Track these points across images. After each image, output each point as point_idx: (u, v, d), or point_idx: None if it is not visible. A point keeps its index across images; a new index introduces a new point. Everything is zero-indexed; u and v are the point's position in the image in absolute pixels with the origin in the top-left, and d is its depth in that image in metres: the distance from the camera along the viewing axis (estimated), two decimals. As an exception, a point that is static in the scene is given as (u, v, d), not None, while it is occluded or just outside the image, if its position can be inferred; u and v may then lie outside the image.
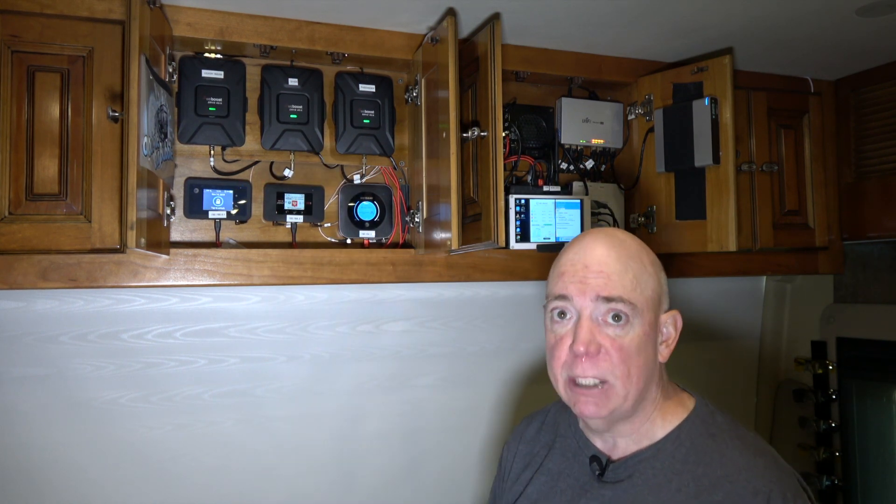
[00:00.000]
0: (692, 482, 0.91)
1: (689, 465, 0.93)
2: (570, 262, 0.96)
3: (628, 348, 0.92)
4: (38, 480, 1.55)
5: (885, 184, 1.87)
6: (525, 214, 1.62)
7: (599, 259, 0.94)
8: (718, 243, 1.59)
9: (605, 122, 1.79)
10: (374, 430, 1.83)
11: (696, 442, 0.95)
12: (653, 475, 0.94)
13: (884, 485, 1.97)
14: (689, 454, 0.94)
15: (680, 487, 0.92)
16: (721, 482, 0.90)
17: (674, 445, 0.96)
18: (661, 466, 0.95)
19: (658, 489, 0.93)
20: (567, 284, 0.95)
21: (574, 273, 0.95)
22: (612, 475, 0.98)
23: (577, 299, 0.94)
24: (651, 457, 0.96)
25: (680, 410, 0.99)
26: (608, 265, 0.94)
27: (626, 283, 0.93)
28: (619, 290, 0.92)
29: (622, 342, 0.92)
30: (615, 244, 0.96)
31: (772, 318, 2.26)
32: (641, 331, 0.93)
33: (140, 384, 1.61)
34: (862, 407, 2.02)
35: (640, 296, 0.94)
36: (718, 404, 1.03)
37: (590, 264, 0.94)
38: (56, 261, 1.28)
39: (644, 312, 0.94)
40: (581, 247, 0.97)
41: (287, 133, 1.51)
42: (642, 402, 0.97)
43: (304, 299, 1.72)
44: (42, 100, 1.29)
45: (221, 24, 1.42)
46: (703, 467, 0.92)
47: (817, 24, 1.53)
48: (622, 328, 0.92)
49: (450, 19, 1.34)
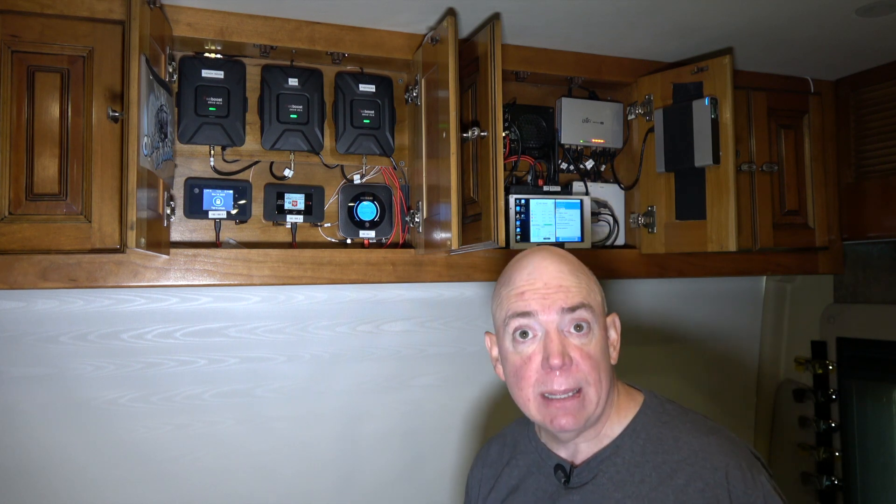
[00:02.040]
0: (653, 471, 0.95)
1: (648, 456, 0.97)
2: (527, 280, 0.98)
3: (595, 355, 0.96)
4: (38, 480, 1.55)
5: (885, 184, 1.87)
6: (525, 214, 1.62)
7: (554, 274, 0.98)
8: (718, 243, 1.60)
9: (605, 122, 1.79)
10: (374, 430, 1.83)
11: (651, 432, 0.99)
12: (616, 472, 0.97)
13: (884, 485, 1.97)
14: (646, 445, 0.98)
15: (643, 478, 0.95)
16: (681, 466, 0.94)
17: (631, 439, 0.99)
18: (622, 462, 0.98)
19: (622, 484, 0.96)
20: (529, 302, 0.97)
21: (534, 290, 0.97)
22: (577, 479, 1.00)
23: (542, 315, 0.96)
24: (611, 454, 0.99)
25: (632, 405, 1.03)
26: (564, 278, 0.97)
27: (583, 290, 0.98)
28: (578, 298, 0.96)
29: (588, 350, 0.96)
30: (560, 259, 1.01)
31: (772, 318, 2.26)
32: (600, 335, 0.98)
33: (140, 384, 1.61)
34: (862, 407, 2.02)
35: (594, 299, 0.99)
36: (719, 404, 1.04)
37: (548, 280, 0.97)
38: (56, 261, 1.28)
39: (599, 316, 0.99)
40: (532, 266, 1.00)
41: (287, 133, 1.51)
42: (604, 408, 0.99)
43: (304, 299, 1.72)
44: (42, 100, 1.29)
45: (221, 24, 1.42)
46: (662, 455, 0.96)
47: (817, 24, 1.54)
48: (585, 336, 0.96)
49: (450, 19, 1.34)
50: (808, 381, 2.14)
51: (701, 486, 0.92)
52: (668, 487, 0.93)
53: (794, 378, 2.19)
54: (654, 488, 0.93)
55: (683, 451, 0.95)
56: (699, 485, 0.92)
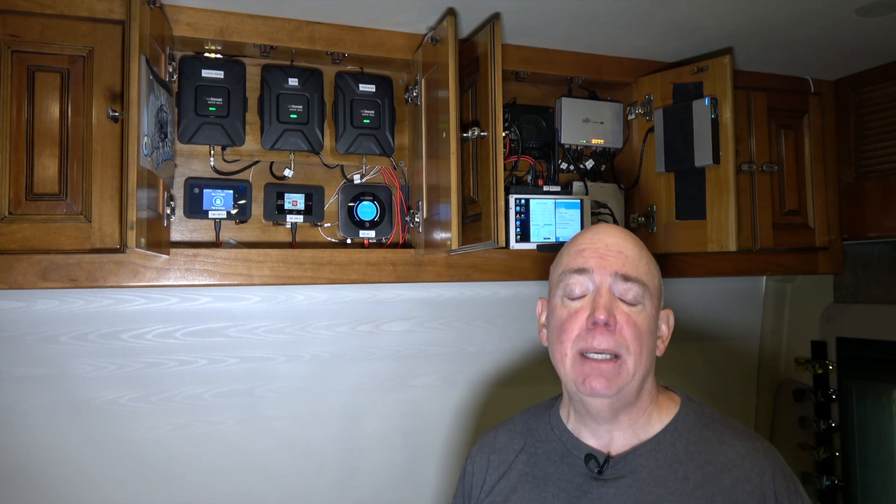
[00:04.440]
0: (697, 470, 0.94)
1: (692, 455, 0.96)
2: (590, 240, 1.00)
3: (641, 326, 0.95)
4: (38, 480, 1.55)
5: (885, 184, 1.87)
6: (525, 214, 1.62)
7: (618, 241, 0.99)
8: (718, 243, 1.60)
9: (605, 122, 1.79)
10: (374, 430, 1.83)
11: (693, 432, 0.98)
12: (657, 467, 0.95)
13: (884, 485, 1.97)
14: (689, 444, 0.97)
15: (686, 476, 0.94)
16: (727, 467, 0.94)
17: (672, 437, 0.98)
18: (663, 458, 0.96)
19: (665, 480, 0.94)
20: (588, 259, 0.98)
21: (595, 249, 0.98)
22: (612, 471, 0.97)
23: (597, 273, 0.96)
24: (652, 450, 0.97)
25: (671, 405, 1.03)
26: (627, 248, 0.98)
27: (642, 267, 0.98)
28: (636, 272, 0.97)
29: (637, 319, 0.95)
30: (628, 235, 1.02)
31: (772, 318, 2.26)
32: (651, 314, 0.98)
33: (140, 384, 1.61)
34: (862, 407, 2.02)
35: (651, 281, 0.99)
36: (719, 404, 1.05)
37: (610, 244, 0.98)
38: (56, 261, 1.28)
39: (653, 298, 0.99)
40: (597, 231, 1.02)
41: (287, 133, 1.51)
42: (641, 391, 0.99)
43: (304, 299, 1.72)
44: (42, 100, 1.29)
45: (221, 24, 1.42)
46: (706, 455, 0.95)
47: (817, 24, 1.53)
48: (635, 307, 0.96)
49: (450, 19, 1.34)
50: (808, 381, 2.14)
51: (749, 488, 0.92)
52: (713, 487, 0.92)
53: (794, 378, 2.19)
54: (698, 486, 0.93)
55: (728, 453, 0.95)
56: (747, 487, 0.92)
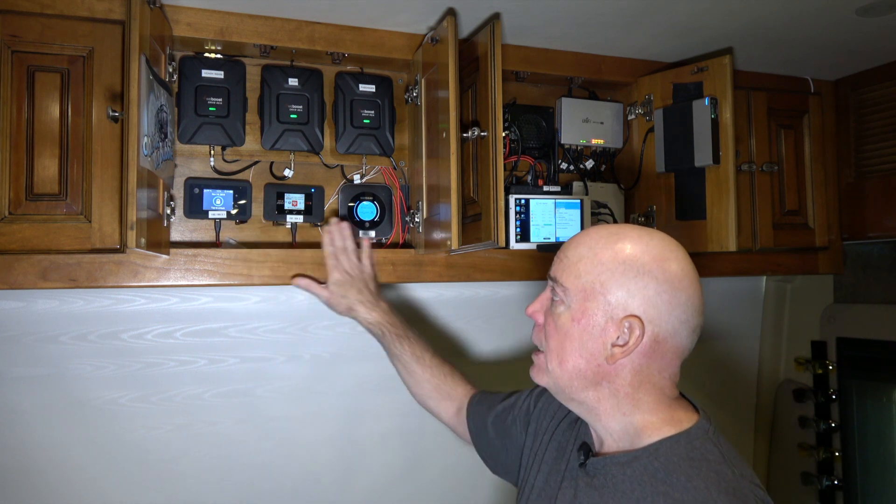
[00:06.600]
0: (650, 498, 0.90)
1: (657, 482, 0.91)
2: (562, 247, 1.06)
3: (560, 326, 0.98)
4: (38, 480, 1.55)
5: (885, 184, 1.87)
6: (525, 214, 1.62)
7: (570, 246, 1.02)
8: (718, 243, 1.60)
9: (605, 122, 1.79)
10: (374, 430, 1.83)
11: (672, 461, 0.93)
12: (622, 480, 0.95)
13: (884, 485, 1.97)
14: (658, 471, 0.92)
15: (640, 500, 0.91)
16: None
17: (650, 458, 0.94)
18: (631, 474, 0.94)
19: (622, 496, 0.93)
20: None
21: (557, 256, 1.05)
22: (591, 468, 1.01)
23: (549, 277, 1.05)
24: (625, 463, 0.96)
25: (668, 428, 0.97)
26: (571, 252, 1.00)
27: (574, 270, 0.98)
28: (562, 275, 0.99)
29: (557, 319, 0.99)
30: (590, 236, 1.01)
31: (772, 318, 2.26)
32: (570, 316, 0.97)
33: (140, 384, 1.61)
34: (862, 407, 2.02)
35: (574, 281, 0.97)
36: (719, 404, 1.03)
37: (565, 249, 1.03)
38: (56, 261, 1.28)
39: (577, 300, 0.97)
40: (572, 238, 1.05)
41: (287, 133, 1.51)
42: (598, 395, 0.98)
43: (304, 299, 1.72)
44: (42, 100, 1.29)
45: (221, 24, 1.42)
46: (667, 487, 0.90)
47: (817, 24, 1.53)
48: (559, 308, 1.00)
49: (450, 19, 1.34)
50: (808, 382, 2.14)
51: None
52: None
53: (794, 378, 2.19)
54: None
55: (687, 494, 0.88)
56: None
